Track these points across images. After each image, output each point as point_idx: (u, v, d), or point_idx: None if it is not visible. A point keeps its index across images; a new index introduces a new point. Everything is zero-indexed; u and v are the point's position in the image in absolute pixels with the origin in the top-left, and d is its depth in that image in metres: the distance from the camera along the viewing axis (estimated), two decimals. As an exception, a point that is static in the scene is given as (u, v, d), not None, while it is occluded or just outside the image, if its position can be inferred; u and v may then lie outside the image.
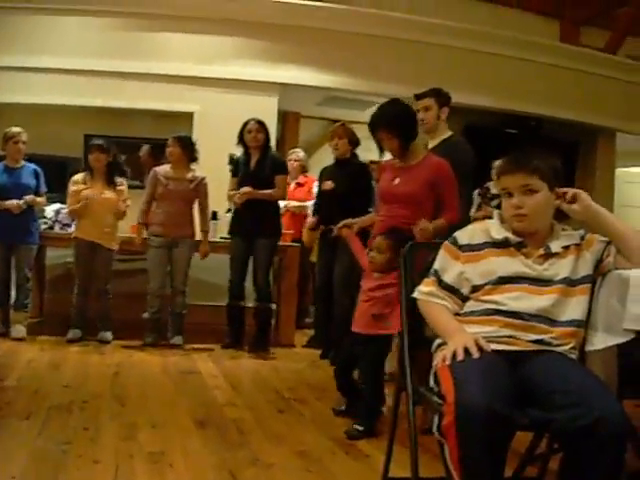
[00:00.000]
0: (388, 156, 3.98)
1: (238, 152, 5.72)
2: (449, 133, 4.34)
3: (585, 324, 2.11)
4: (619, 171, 9.04)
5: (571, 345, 2.07)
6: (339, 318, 4.96)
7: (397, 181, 3.78)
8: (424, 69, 7.07)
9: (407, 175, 3.76)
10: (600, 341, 2.08)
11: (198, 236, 5.73)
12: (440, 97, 4.31)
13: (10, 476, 2.56)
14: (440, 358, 1.97)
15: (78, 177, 5.63)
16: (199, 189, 5.66)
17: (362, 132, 5.34)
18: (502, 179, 2.17)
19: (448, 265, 2.20)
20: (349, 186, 5.20)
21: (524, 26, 8.18)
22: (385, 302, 3.50)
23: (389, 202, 3.84)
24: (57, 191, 5.99)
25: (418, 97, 4.35)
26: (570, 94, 7.81)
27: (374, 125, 3.79)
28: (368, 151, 5.59)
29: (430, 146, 4.32)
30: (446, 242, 2.26)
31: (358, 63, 7.15)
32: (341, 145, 5.32)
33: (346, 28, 7.08)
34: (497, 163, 6.23)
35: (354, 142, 5.37)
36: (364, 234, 4.02)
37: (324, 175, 5.52)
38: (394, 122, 3.71)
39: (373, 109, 3.92)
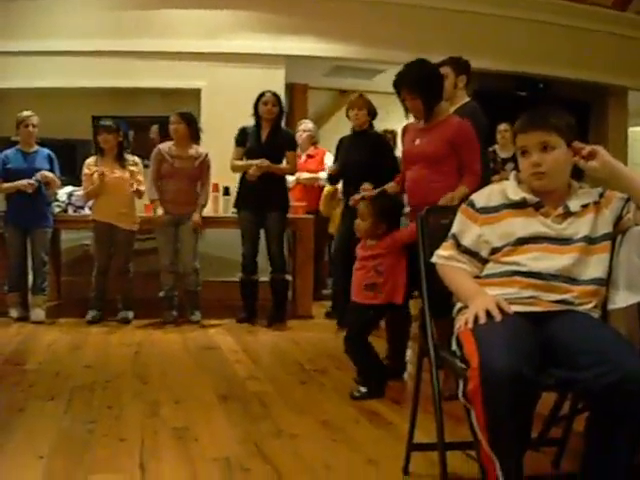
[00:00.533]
0: (411, 119, 3.94)
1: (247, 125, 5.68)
2: (467, 99, 4.28)
3: (606, 282, 2.09)
4: (632, 130, 8.94)
5: (593, 304, 2.05)
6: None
7: (417, 142, 3.74)
8: (430, 35, 6.98)
9: (428, 135, 3.70)
10: (622, 299, 2.06)
11: (212, 212, 5.73)
12: (457, 65, 4.24)
13: (38, 456, 2.59)
14: (462, 322, 1.95)
15: (90, 160, 5.61)
16: (203, 165, 5.64)
17: (374, 101, 5.33)
18: (519, 137, 2.13)
19: (466, 228, 2.18)
20: (371, 156, 5.12)
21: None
22: (377, 272, 3.51)
23: (411, 163, 3.79)
24: (68, 174, 5.99)
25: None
26: (579, 53, 7.69)
27: (398, 84, 3.74)
28: (381, 121, 5.59)
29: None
30: (463, 205, 2.24)
31: (363, 31, 7.06)
32: (361, 116, 5.21)
33: (350, -4, 7.01)
34: (502, 126, 6.27)
35: (373, 113, 5.27)
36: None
37: (343, 145, 5.41)
38: (418, 82, 3.65)
39: (380, 77, 3.86)
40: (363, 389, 3.51)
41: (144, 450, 2.68)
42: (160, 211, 5.60)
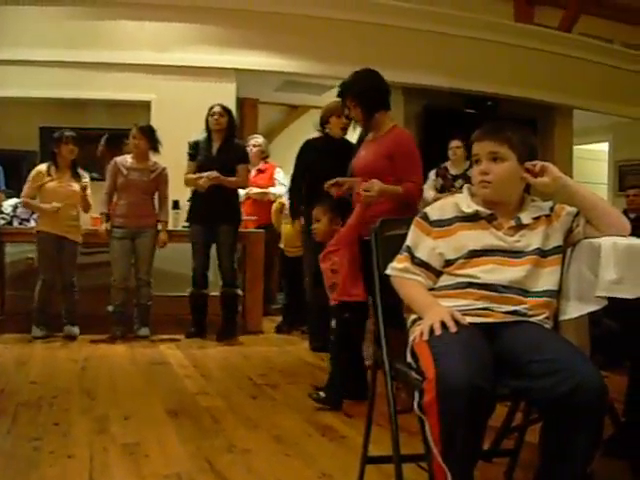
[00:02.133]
0: (358, 130, 3.97)
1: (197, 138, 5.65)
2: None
3: (557, 294, 2.13)
4: (577, 148, 9.16)
5: (545, 315, 2.07)
6: (314, 307, 4.89)
7: (362, 153, 3.76)
8: (382, 51, 7.06)
9: (370, 148, 3.72)
10: (573, 310, 2.09)
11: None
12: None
13: (-19, 475, 2.51)
14: (417, 333, 1.96)
15: (42, 167, 5.49)
16: (160, 179, 5.60)
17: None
18: (474, 146, 2.18)
19: (420, 241, 2.19)
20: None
21: (479, 6, 8.20)
22: (333, 271, 3.55)
23: (355, 176, 3.75)
24: (13, 186, 5.87)
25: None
26: (527, 73, 7.89)
27: (342, 91, 3.78)
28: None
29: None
30: (417, 218, 2.25)
31: (315, 47, 7.12)
32: (346, 123, 4.86)
33: (301, 11, 7.06)
34: (454, 143, 6.36)
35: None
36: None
37: (316, 150, 5.00)
38: (359, 90, 3.67)
39: (330, 93, 3.89)
40: (322, 394, 3.53)
41: (94, 467, 2.62)
42: (105, 226, 5.51)
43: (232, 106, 6.26)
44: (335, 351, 3.64)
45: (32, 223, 5.72)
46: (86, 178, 5.58)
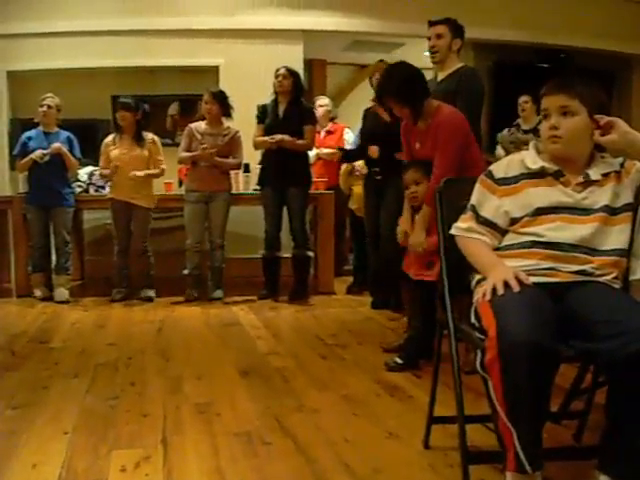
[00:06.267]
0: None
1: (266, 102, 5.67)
2: (459, 64, 4.16)
3: (628, 253, 2.06)
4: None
5: (613, 275, 2.02)
6: (384, 264, 4.87)
7: (418, 146, 3.61)
8: (449, 7, 6.86)
9: (426, 138, 3.55)
10: (644, 269, 2.03)
11: (234, 189, 5.75)
12: (454, 27, 4.16)
13: (63, 432, 2.63)
14: (480, 293, 1.94)
15: (108, 139, 5.65)
16: (233, 143, 5.63)
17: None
18: (543, 100, 2.11)
19: (485, 199, 2.15)
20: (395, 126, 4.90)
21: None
22: (432, 251, 3.48)
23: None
24: (88, 154, 6.01)
25: (432, 24, 4.20)
26: (602, 23, 7.54)
27: (381, 95, 3.64)
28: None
29: (439, 78, 4.18)
30: (482, 176, 2.21)
31: (381, 4, 6.98)
32: None
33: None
34: (523, 99, 6.19)
35: None
36: None
37: (369, 115, 5.20)
38: (402, 90, 3.48)
39: (400, 50, 3.79)
40: (400, 360, 3.51)
41: (167, 425, 2.71)
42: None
43: (299, 68, 6.24)
44: (423, 320, 3.59)
45: (107, 190, 5.87)
46: (154, 144, 5.65)
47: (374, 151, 4.93)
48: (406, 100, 3.50)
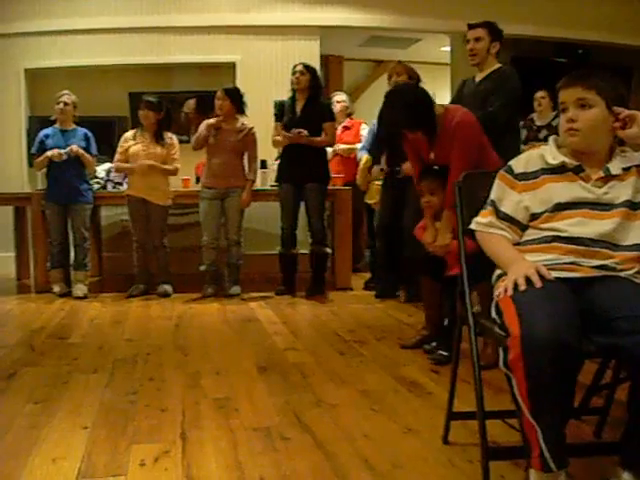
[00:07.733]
0: None
1: (283, 99, 5.66)
2: (497, 65, 4.21)
3: (650, 248, 2.04)
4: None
5: (636, 269, 1.99)
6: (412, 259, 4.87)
7: (432, 156, 3.57)
8: (468, 2, 6.85)
9: (439, 146, 3.51)
10: (667, 264, 2.01)
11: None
12: (493, 30, 4.19)
13: (82, 427, 2.64)
14: (501, 289, 1.92)
15: (129, 134, 5.68)
16: (248, 139, 5.62)
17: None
18: (560, 93, 2.09)
19: (505, 195, 2.14)
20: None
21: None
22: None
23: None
24: (106, 151, 6.04)
25: (471, 26, 4.24)
26: (620, 17, 7.48)
27: (392, 128, 3.63)
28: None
29: (477, 79, 4.22)
30: (501, 171, 2.19)
31: (399, 0, 6.96)
32: (401, 81, 5.06)
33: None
34: (539, 94, 6.15)
35: (414, 79, 5.14)
36: None
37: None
38: (409, 117, 3.41)
39: (416, 46, 3.76)
40: (445, 352, 3.51)
41: (185, 420, 2.72)
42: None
43: (316, 64, 6.24)
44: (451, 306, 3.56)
45: (125, 187, 5.89)
46: (172, 142, 5.66)
47: (409, 170, 4.92)
48: (417, 125, 3.46)
